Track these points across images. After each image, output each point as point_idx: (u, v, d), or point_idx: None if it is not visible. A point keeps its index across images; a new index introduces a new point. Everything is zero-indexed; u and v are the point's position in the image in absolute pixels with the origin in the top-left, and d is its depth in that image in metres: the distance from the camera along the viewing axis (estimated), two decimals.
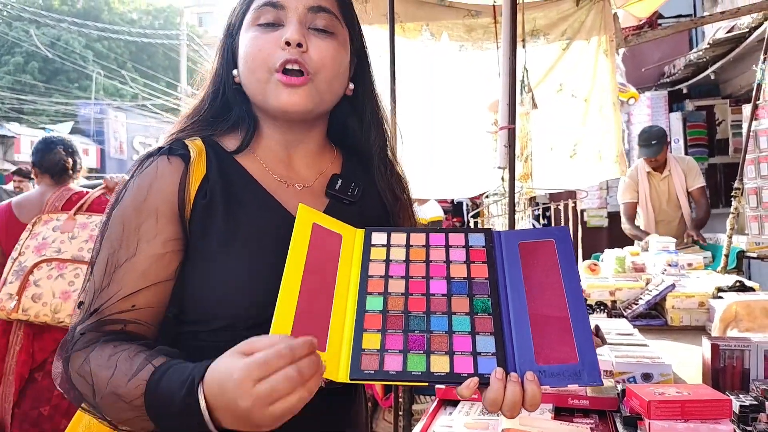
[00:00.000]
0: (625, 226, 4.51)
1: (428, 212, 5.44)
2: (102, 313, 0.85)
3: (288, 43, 0.90)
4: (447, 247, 0.91)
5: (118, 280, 0.85)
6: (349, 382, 0.76)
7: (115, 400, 0.76)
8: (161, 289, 0.88)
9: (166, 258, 0.88)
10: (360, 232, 0.93)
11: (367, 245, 0.91)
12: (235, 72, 0.99)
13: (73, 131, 20.24)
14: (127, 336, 0.84)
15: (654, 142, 4.23)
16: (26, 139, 17.43)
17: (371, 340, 0.79)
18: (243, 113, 1.01)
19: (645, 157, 4.32)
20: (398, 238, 0.92)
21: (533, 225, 6.51)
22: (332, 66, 0.94)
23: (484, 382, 0.75)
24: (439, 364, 0.76)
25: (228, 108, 1.02)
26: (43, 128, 19.06)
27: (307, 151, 1.04)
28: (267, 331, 0.74)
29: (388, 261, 0.89)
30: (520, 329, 0.80)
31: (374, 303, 0.83)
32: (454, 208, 9.11)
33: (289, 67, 0.91)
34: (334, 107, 1.03)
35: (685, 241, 4.07)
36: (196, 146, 0.95)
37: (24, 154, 16.78)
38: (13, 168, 11.17)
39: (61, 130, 19.56)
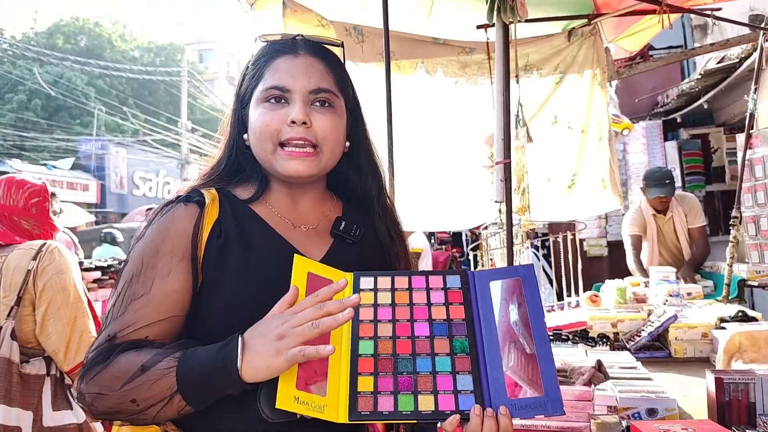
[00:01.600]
0: (631, 259, 4.43)
1: (412, 243, 5.51)
2: (116, 339, 0.94)
3: (294, 122, 1.03)
4: (428, 289, 0.99)
5: (133, 311, 0.95)
6: (348, 422, 0.84)
7: (144, 378, 0.87)
8: (173, 322, 0.98)
9: (179, 294, 0.99)
10: (348, 276, 0.99)
11: (356, 290, 0.98)
12: (246, 136, 1.11)
13: (74, 167, 20.36)
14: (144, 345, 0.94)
15: (668, 181, 4.26)
16: (27, 175, 17.51)
17: (365, 383, 0.87)
18: (254, 171, 1.13)
19: (659, 196, 4.26)
20: (384, 282, 1.00)
21: (534, 255, 6.52)
22: (333, 137, 1.08)
23: (464, 418, 0.85)
24: (426, 403, 0.85)
25: (239, 165, 1.14)
26: (44, 164, 19.18)
27: (310, 198, 1.16)
28: None
29: (376, 305, 0.97)
30: (493, 366, 0.89)
31: (366, 347, 0.91)
32: (453, 239, 9.10)
33: (293, 143, 1.04)
34: None
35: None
36: (210, 194, 1.08)
37: None
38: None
39: (62, 166, 19.70)
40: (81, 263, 4.65)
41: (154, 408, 0.88)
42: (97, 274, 4.72)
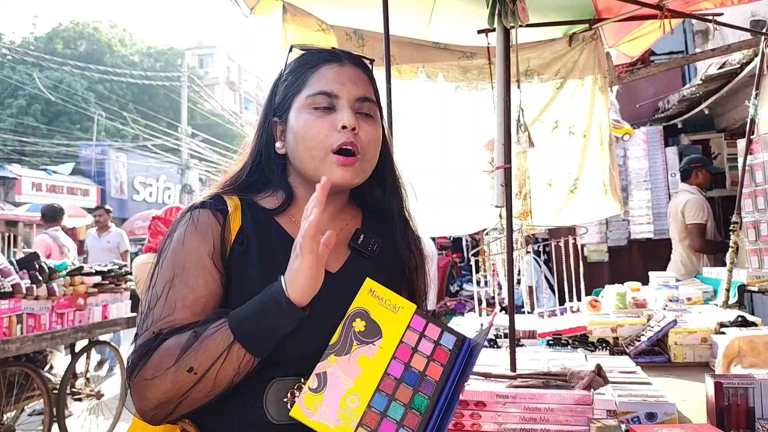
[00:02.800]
0: (705, 243, 5.03)
1: None
2: (157, 327, 0.97)
3: (344, 127, 1.05)
4: (422, 335, 1.00)
5: (171, 308, 0.99)
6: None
7: (198, 343, 0.91)
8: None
9: (212, 296, 1.03)
10: (413, 307, 1.02)
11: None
12: (278, 145, 1.13)
13: (74, 172, 20.40)
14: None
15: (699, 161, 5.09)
16: (27, 180, 17.53)
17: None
18: (280, 181, 1.15)
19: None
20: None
21: (535, 261, 6.51)
22: (374, 146, 1.11)
23: None
24: None
25: (262, 174, 1.16)
26: (44, 169, 19.21)
27: (333, 208, 1.17)
28: (291, 365, 0.99)
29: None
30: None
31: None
32: (453, 244, 9.10)
33: (345, 148, 1.05)
34: None
35: None
36: (233, 202, 1.11)
37: (25, 195, 16.87)
38: (14, 209, 11.21)
39: (63, 171, 19.73)
40: (81, 267, 4.66)
41: (213, 369, 0.91)
42: (97, 279, 4.73)
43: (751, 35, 3.88)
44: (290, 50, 1.17)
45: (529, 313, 3.69)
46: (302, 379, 0.98)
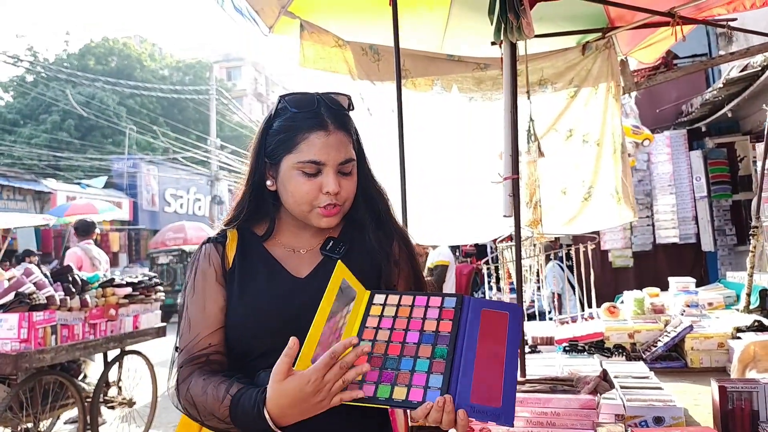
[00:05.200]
0: None
1: (433, 258, 5.63)
2: (190, 351, 1.23)
3: (329, 192, 1.25)
4: (426, 307, 1.17)
5: (196, 326, 1.25)
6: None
7: (212, 418, 1.15)
8: (222, 331, 1.27)
9: (222, 312, 1.28)
10: (367, 294, 1.21)
11: (369, 303, 1.20)
12: (269, 183, 1.32)
13: (107, 185, 20.90)
14: (210, 367, 1.22)
15: None
16: (62, 194, 18.02)
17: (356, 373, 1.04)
18: (271, 210, 1.36)
19: None
20: (393, 299, 1.20)
21: (559, 267, 6.50)
22: (353, 194, 1.32)
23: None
24: (399, 393, 1.03)
25: (258, 204, 1.37)
26: (78, 183, 19.73)
27: (316, 228, 1.35)
28: (269, 359, 1.09)
29: (381, 316, 1.17)
30: (465, 374, 1.05)
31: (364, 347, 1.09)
32: (477, 252, 9.11)
33: (328, 207, 1.27)
34: None
35: None
36: (231, 234, 1.36)
37: (60, 209, 17.35)
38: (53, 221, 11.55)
39: (96, 185, 20.23)
40: (112, 279, 4.82)
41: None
42: (128, 290, 4.88)
43: None
44: (279, 102, 1.32)
45: (550, 319, 3.71)
46: None
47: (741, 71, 5.37)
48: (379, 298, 1.20)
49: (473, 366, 1.05)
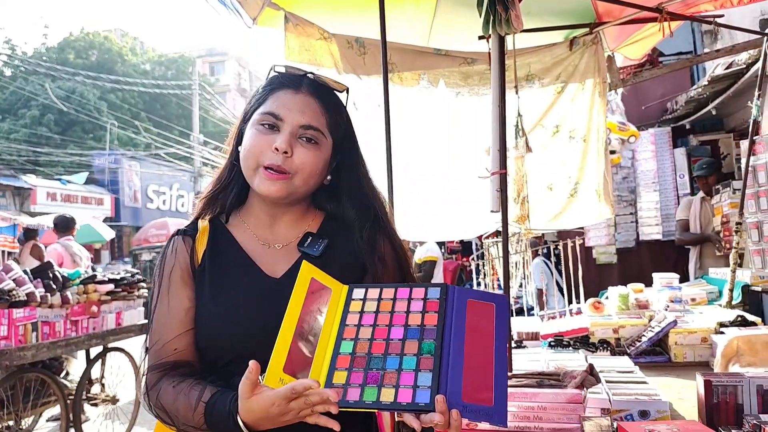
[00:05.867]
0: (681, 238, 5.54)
1: (421, 253, 5.61)
2: (156, 356, 1.17)
3: (276, 150, 1.16)
4: (410, 299, 1.09)
5: (160, 329, 1.18)
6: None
7: (187, 426, 1.09)
8: (190, 334, 1.19)
9: (190, 312, 1.20)
10: (345, 289, 1.12)
11: (349, 299, 1.11)
12: (240, 148, 1.23)
13: (88, 181, 20.62)
14: (178, 371, 1.15)
15: (704, 166, 5.44)
16: (42, 190, 17.75)
17: (340, 377, 0.99)
18: (235, 184, 1.28)
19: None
20: (373, 293, 1.11)
21: (545, 264, 6.53)
22: (308, 168, 1.19)
23: (423, 409, 0.93)
24: (386, 395, 0.96)
25: (233, 175, 1.28)
26: (59, 179, 19.45)
27: (291, 216, 1.28)
28: (243, 364, 1.00)
29: (362, 312, 1.08)
30: (454, 370, 0.97)
31: (346, 347, 1.03)
32: (463, 248, 9.13)
33: (272, 168, 1.16)
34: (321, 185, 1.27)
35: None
36: (202, 226, 1.27)
37: (40, 205, 17.09)
38: (29, 219, 11.38)
39: (77, 181, 19.96)
40: (94, 276, 4.75)
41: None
42: (110, 287, 4.82)
43: (756, 35, 3.88)
44: (271, 68, 1.27)
45: (532, 315, 3.72)
46: (260, 376, 1.09)
47: (726, 68, 5.41)
48: (358, 293, 1.11)
49: (462, 362, 0.98)
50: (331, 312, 1.08)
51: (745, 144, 3.81)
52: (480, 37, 3.30)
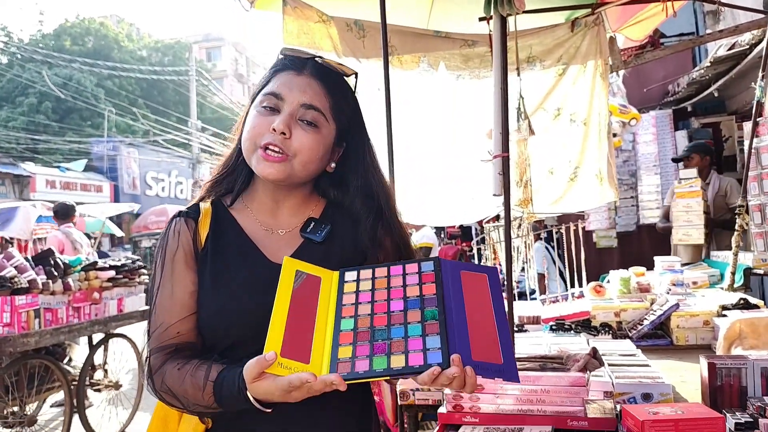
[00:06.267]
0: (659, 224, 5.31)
1: (416, 239, 5.57)
2: (158, 340, 1.15)
3: (274, 130, 1.14)
4: (404, 275, 1.10)
5: (163, 313, 1.17)
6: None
7: (197, 406, 1.09)
8: (192, 318, 1.18)
9: (192, 296, 1.18)
10: (336, 274, 1.12)
11: (341, 282, 1.11)
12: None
13: (87, 168, 20.58)
14: (181, 354, 1.14)
15: (685, 150, 5.17)
16: (41, 178, 17.72)
17: (345, 352, 0.99)
18: (240, 170, 1.27)
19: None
20: (365, 274, 1.12)
21: (546, 249, 6.52)
22: (308, 153, 1.17)
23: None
24: (397, 361, 0.96)
25: (238, 161, 1.27)
26: (58, 167, 19.40)
27: (293, 202, 1.27)
28: (244, 348, 1.08)
29: (357, 292, 1.09)
30: (460, 332, 0.99)
31: (347, 324, 1.04)
32: (462, 233, 9.12)
33: (270, 148, 1.15)
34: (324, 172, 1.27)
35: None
36: (204, 208, 1.25)
37: (40, 193, 17.07)
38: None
39: (75, 168, 19.92)
40: (95, 263, 4.75)
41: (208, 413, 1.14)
42: (111, 273, 4.82)
43: (760, 14, 3.83)
44: (279, 54, 1.26)
45: (533, 299, 3.72)
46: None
47: (729, 50, 5.35)
48: (350, 275, 1.12)
49: (466, 325, 1.00)
50: (324, 297, 1.08)
51: (747, 126, 3.78)
52: (480, 19, 3.26)
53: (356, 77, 1.29)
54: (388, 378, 0.98)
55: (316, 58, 1.23)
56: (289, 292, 1.03)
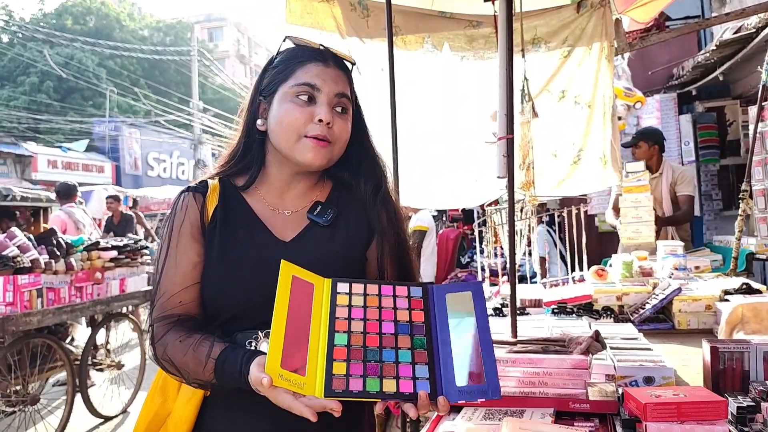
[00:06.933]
0: (609, 216, 4.92)
1: (413, 223, 5.54)
2: (162, 308, 1.20)
3: (320, 120, 1.21)
4: (394, 297, 1.17)
5: (167, 282, 1.21)
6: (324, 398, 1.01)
7: (196, 380, 1.14)
8: (195, 288, 1.23)
9: (197, 267, 1.23)
10: (327, 282, 1.16)
11: (334, 293, 1.14)
12: (260, 122, 1.28)
13: (89, 149, 20.54)
14: (183, 325, 1.18)
15: (633, 137, 4.72)
16: (43, 158, 17.69)
17: (339, 368, 1.03)
18: (255, 158, 1.31)
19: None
20: (357, 288, 1.17)
21: (547, 233, 6.51)
22: (345, 137, 1.28)
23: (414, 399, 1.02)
24: (389, 386, 1.03)
25: (250, 150, 1.32)
26: (59, 146, 19.36)
27: (304, 185, 1.33)
28: (244, 322, 1.18)
29: (350, 306, 1.13)
30: (445, 360, 1.08)
31: (341, 339, 1.08)
32: (465, 216, 9.10)
33: (319, 137, 1.22)
34: None
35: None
36: (213, 186, 1.29)
37: (41, 173, 17.07)
38: (31, 186, 11.41)
39: (77, 148, 19.87)
40: (97, 243, 4.76)
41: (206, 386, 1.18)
42: (114, 253, 4.83)
43: None
44: (284, 40, 1.30)
45: (533, 282, 3.72)
46: (258, 332, 1.18)
47: (734, 33, 5.30)
48: (342, 287, 1.16)
49: (451, 351, 1.08)
50: (317, 306, 1.11)
51: (752, 110, 3.76)
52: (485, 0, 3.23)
53: (355, 64, 1.36)
54: (379, 400, 1.03)
55: (321, 47, 1.29)
56: (286, 299, 1.07)
